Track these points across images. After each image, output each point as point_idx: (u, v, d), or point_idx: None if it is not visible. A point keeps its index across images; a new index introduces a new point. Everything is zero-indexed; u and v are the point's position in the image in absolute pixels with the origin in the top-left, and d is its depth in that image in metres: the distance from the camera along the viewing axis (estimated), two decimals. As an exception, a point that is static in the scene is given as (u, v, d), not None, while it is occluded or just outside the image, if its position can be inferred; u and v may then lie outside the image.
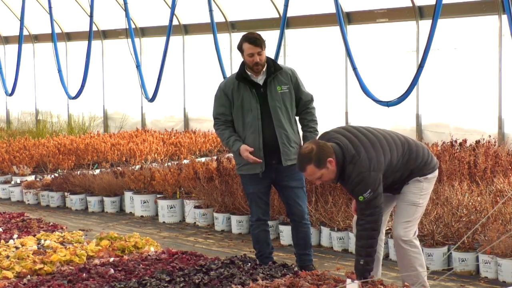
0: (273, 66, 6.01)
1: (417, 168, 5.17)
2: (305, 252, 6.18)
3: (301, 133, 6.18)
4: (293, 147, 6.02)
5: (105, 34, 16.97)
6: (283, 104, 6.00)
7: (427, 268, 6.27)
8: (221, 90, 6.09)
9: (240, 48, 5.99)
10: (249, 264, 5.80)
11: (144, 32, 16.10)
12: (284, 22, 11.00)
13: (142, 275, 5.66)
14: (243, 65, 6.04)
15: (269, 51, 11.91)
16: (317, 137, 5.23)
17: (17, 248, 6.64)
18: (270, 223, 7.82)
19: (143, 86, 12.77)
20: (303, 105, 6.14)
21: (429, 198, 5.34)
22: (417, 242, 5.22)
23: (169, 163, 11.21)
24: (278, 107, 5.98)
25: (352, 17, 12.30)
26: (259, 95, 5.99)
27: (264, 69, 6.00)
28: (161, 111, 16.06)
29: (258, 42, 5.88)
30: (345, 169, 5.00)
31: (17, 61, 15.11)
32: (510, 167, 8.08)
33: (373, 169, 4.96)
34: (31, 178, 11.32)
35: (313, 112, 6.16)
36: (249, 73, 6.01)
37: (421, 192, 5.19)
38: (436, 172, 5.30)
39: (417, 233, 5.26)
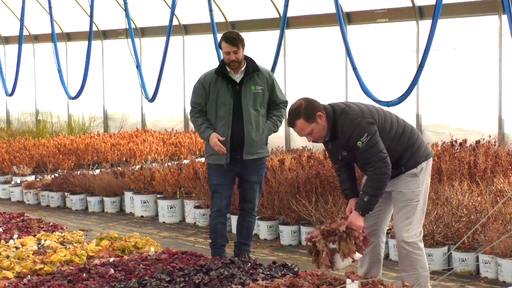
0: (251, 67, 6.33)
1: (412, 148, 5.11)
2: (246, 242, 6.58)
3: None
4: (258, 143, 6.32)
5: (105, 34, 16.97)
6: (254, 103, 6.30)
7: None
8: (200, 82, 6.43)
9: (219, 45, 6.36)
10: (249, 264, 5.80)
11: (144, 32, 16.10)
12: (284, 22, 11.01)
13: (142, 275, 5.66)
14: (223, 61, 6.37)
15: (269, 51, 11.97)
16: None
17: (17, 248, 6.64)
18: (270, 223, 7.90)
19: (143, 86, 12.78)
20: (275, 105, 6.47)
21: (427, 197, 5.29)
22: (422, 245, 5.16)
23: (169, 163, 11.22)
24: (250, 105, 6.29)
25: (352, 17, 12.30)
26: (234, 91, 6.30)
27: (242, 68, 6.32)
28: (161, 111, 16.06)
29: (234, 42, 6.22)
30: (336, 125, 5.00)
31: (17, 61, 15.12)
32: (510, 167, 8.08)
33: (366, 117, 4.97)
34: (31, 178, 11.32)
35: (281, 109, 6.51)
36: (228, 69, 6.32)
37: (418, 188, 5.13)
38: (430, 161, 5.24)
39: (422, 234, 5.20)
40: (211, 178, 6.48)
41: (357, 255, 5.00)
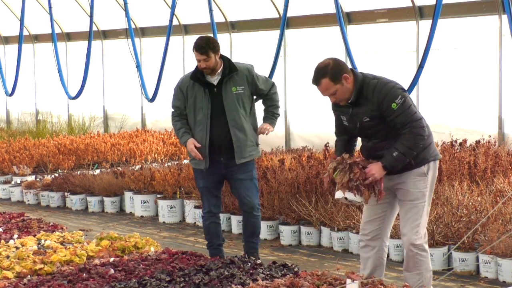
0: (228, 68, 6.20)
1: (426, 142, 5.04)
2: (251, 240, 6.46)
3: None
4: (248, 145, 6.24)
5: (105, 34, 16.97)
6: (238, 104, 6.20)
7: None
8: (178, 86, 6.38)
9: (193, 51, 6.24)
10: (249, 264, 5.80)
11: (144, 32, 16.10)
12: (284, 22, 11.00)
13: (142, 275, 5.66)
14: None
15: (269, 51, 11.94)
16: None
17: (17, 248, 6.64)
18: (270, 223, 7.90)
19: (143, 86, 12.77)
20: (265, 96, 6.41)
21: (431, 198, 5.24)
22: (427, 246, 5.13)
23: (169, 163, 11.22)
24: (233, 108, 6.18)
25: (352, 17, 12.29)
26: (211, 95, 6.20)
27: (219, 71, 6.19)
28: (161, 111, 16.05)
29: (203, 51, 6.09)
30: (366, 89, 4.97)
31: (17, 61, 15.11)
32: (510, 167, 8.08)
33: (398, 84, 4.96)
34: (31, 178, 11.32)
35: (273, 97, 6.42)
36: (204, 73, 6.22)
37: (425, 187, 5.07)
38: (437, 163, 5.19)
39: (427, 236, 5.15)
40: (197, 181, 6.50)
41: (350, 195, 5.02)
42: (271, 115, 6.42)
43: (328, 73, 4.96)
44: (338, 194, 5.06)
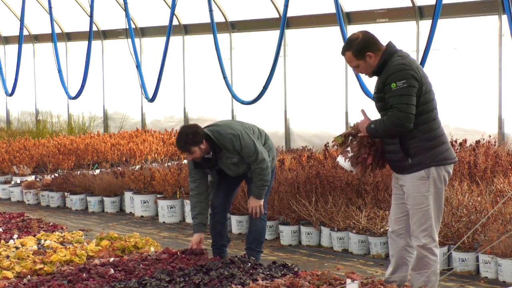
0: (214, 151, 6.12)
1: (428, 143, 4.93)
2: (252, 246, 6.45)
3: None
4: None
5: (105, 34, 16.97)
6: (239, 167, 6.24)
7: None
8: (190, 165, 6.31)
9: None
10: (249, 264, 5.80)
11: (144, 32, 16.10)
12: (284, 22, 11.01)
13: (142, 275, 5.66)
14: None
15: (269, 51, 11.94)
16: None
17: (17, 248, 6.64)
18: (270, 223, 7.89)
19: (143, 86, 12.78)
20: (250, 165, 6.25)
21: (442, 203, 5.08)
22: (437, 251, 5.07)
23: (169, 163, 11.22)
24: (236, 172, 6.27)
25: (352, 17, 12.30)
26: (216, 164, 6.25)
27: (209, 152, 6.15)
28: (161, 111, 16.07)
29: (183, 150, 6.07)
30: (388, 63, 4.96)
31: (17, 61, 15.12)
32: (510, 167, 8.09)
33: (413, 70, 4.88)
34: (31, 178, 11.32)
35: (257, 171, 6.20)
36: None
37: (428, 191, 4.97)
38: (447, 168, 5.02)
39: (437, 240, 5.07)
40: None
41: (340, 160, 5.14)
42: (257, 189, 6.26)
43: (353, 47, 5.03)
44: (338, 158, 5.21)
